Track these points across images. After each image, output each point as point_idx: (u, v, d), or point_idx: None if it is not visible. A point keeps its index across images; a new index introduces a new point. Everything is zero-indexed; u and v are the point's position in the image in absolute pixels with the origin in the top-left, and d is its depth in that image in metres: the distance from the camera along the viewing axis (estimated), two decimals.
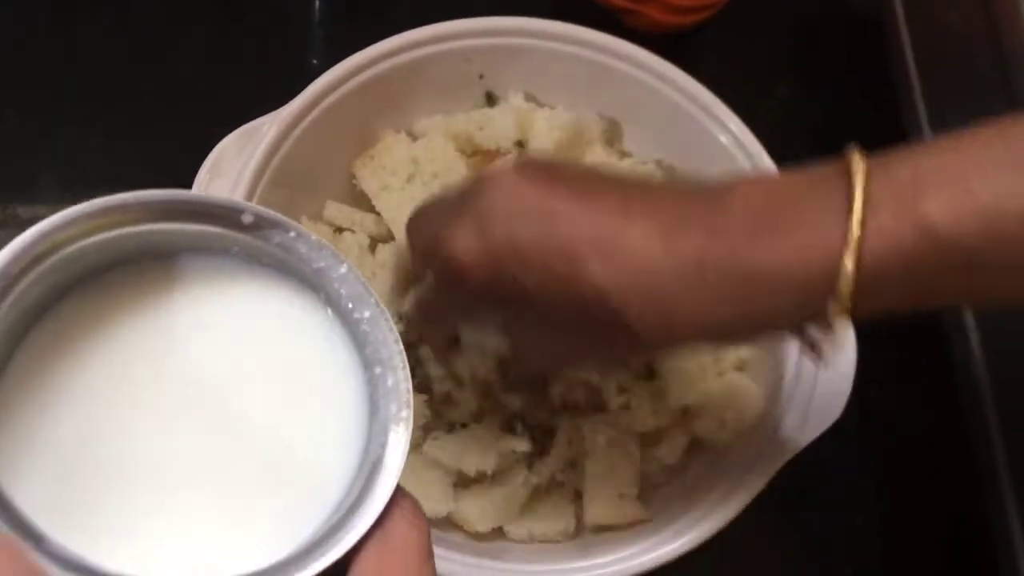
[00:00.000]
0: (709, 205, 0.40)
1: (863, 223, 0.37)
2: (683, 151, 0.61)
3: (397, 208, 0.57)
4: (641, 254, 0.39)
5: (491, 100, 0.62)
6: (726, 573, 0.53)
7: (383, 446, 0.29)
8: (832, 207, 0.37)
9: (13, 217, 0.65)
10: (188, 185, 0.55)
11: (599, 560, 0.50)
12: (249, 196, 0.54)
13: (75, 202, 0.73)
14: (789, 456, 0.52)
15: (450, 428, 0.55)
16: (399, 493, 0.28)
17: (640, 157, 0.62)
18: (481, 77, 0.61)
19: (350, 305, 0.31)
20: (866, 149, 0.74)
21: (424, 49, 0.59)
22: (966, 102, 0.67)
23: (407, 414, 0.30)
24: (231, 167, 0.54)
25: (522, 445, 0.54)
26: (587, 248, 0.39)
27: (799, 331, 0.42)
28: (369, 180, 0.58)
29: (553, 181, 0.42)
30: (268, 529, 0.30)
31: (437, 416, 0.55)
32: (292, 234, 0.32)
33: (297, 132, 0.56)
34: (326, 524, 0.28)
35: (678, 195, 0.41)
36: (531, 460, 0.55)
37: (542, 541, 0.55)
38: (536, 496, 0.56)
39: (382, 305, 0.31)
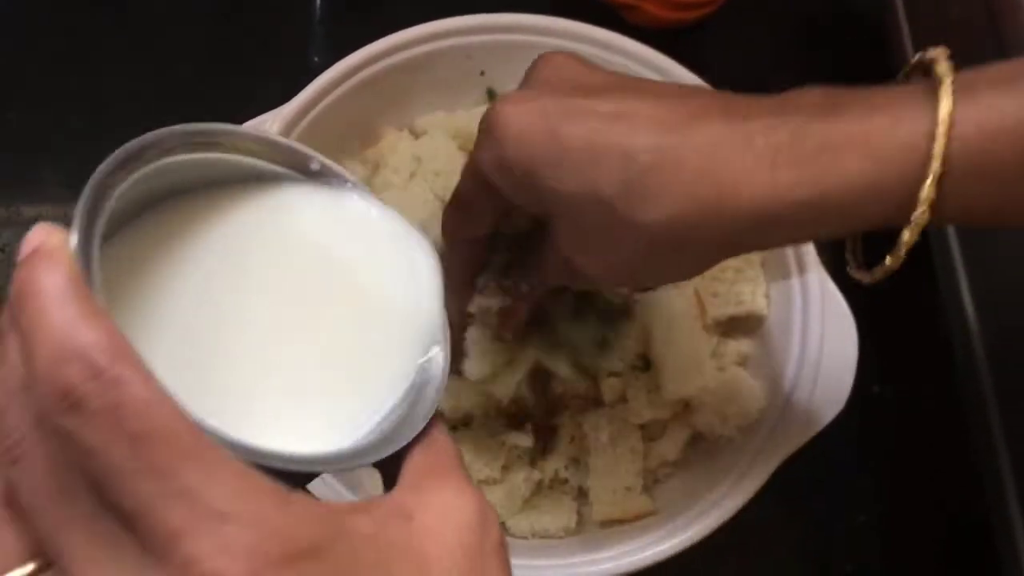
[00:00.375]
0: (774, 98, 0.38)
1: (955, 104, 0.34)
2: None
3: (399, 207, 0.57)
4: (703, 130, 0.37)
5: (492, 97, 0.62)
6: (727, 570, 0.54)
7: (428, 365, 0.33)
8: (918, 93, 0.36)
9: (17, 215, 0.65)
10: None
11: (602, 555, 0.51)
12: None
13: (78, 199, 0.73)
14: (791, 451, 0.52)
15: (452, 427, 0.55)
16: (436, 413, 0.32)
17: None
18: (482, 74, 0.61)
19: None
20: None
21: (425, 46, 0.59)
22: None
23: (444, 339, 0.33)
24: None
25: (524, 440, 0.54)
26: (642, 121, 0.37)
27: (859, 235, 0.40)
28: (370, 178, 0.59)
29: (607, 70, 0.41)
30: (338, 418, 0.32)
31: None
32: (349, 185, 0.35)
33: (299, 129, 0.56)
34: (386, 421, 0.32)
35: (739, 95, 0.39)
36: (533, 458, 0.55)
37: (543, 537, 0.55)
38: (539, 492, 0.56)
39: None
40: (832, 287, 0.55)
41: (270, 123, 0.55)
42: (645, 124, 0.37)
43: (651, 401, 0.55)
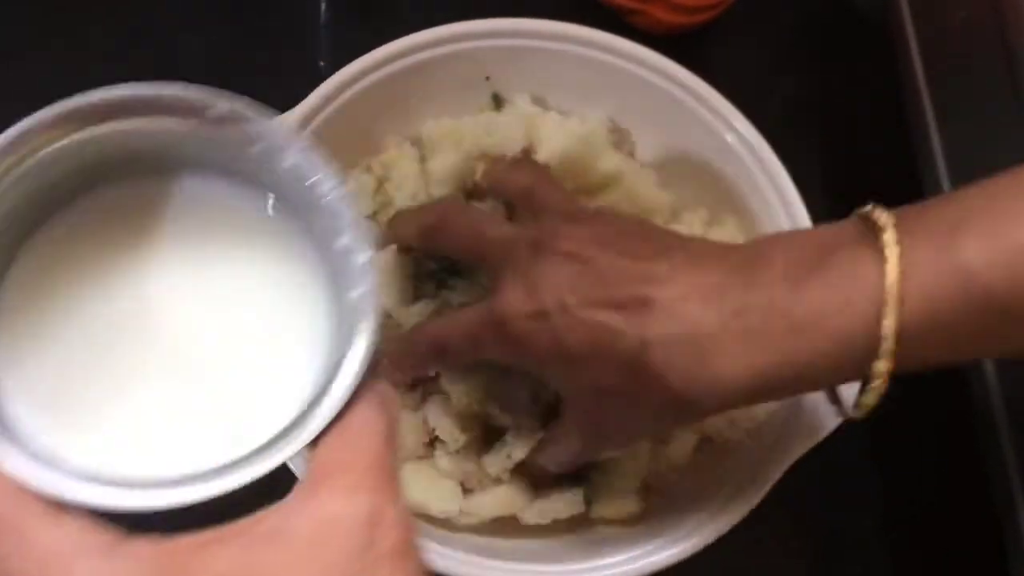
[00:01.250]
0: (748, 260, 0.42)
1: (901, 275, 0.38)
2: (690, 151, 0.61)
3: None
4: (682, 309, 0.41)
5: (498, 102, 0.62)
6: (732, 571, 0.54)
7: (345, 350, 0.30)
8: (867, 261, 0.39)
9: None
10: None
11: (608, 560, 0.51)
12: None
13: None
14: (799, 455, 0.52)
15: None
16: (367, 388, 0.29)
17: (646, 159, 0.62)
18: (487, 79, 0.61)
19: (332, 233, 0.32)
20: (872, 147, 0.74)
21: (431, 51, 0.59)
22: (972, 99, 0.67)
23: (369, 322, 0.30)
24: None
25: (518, 453, 0.54)
26: (630, 304, 0.42)
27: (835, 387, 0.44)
28: (375, 190, 0.59)
29: (594, 241, 0.44)
30: (236, 431, 0.31)
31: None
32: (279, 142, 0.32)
33: (306, 133, 0.56)
34: (286, 424, 0.29)
35: (718, 252, 0.44)
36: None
37: (555, 519, 0.55)
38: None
39: (360, 223, 0.31)
40: None
41: None
42: (637, 316, 0.41)
43: None
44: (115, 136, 0.33)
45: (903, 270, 0.38)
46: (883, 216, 0.40)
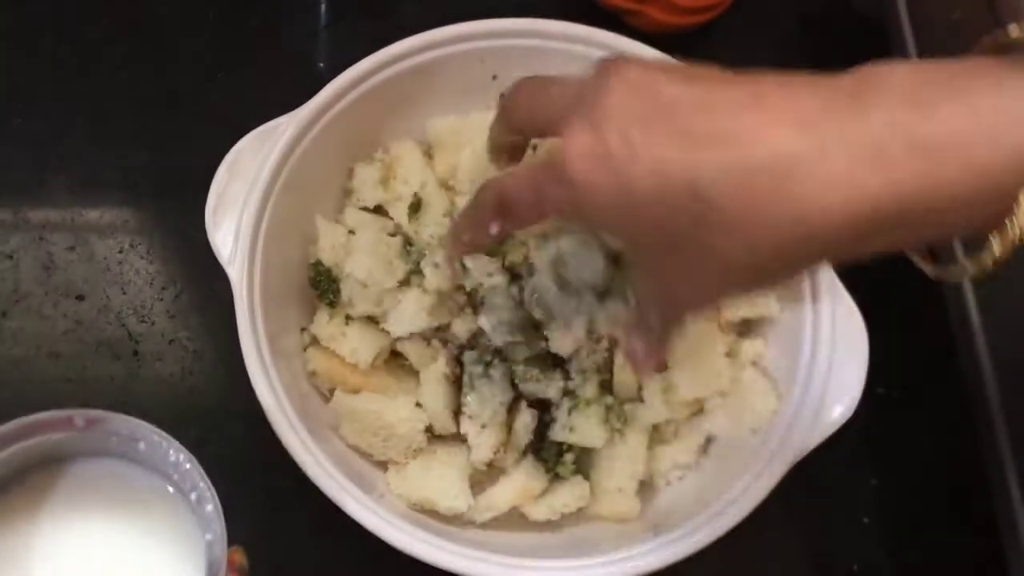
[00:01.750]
0: (859, 83, 0.35)
1: None
2: None
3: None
4: (768, 134, 0.35)
5: None
6: (733, 569, 0.54)
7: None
8: (1019, 77, 0.33)
9: (24, 221, 0.66)
10: (201, 185, 0.55)
11: (609, 558, 0.51)
12: (265, 196, 0.55)
13: (85, 205, 0.74)
14: (803, 454, 0.52)
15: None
16: None
17: None
18: (494, 78, 0.61)
19: (184, 484, 0.44)
20: None
21: (440, 50, 0.59)
22: None
23: (218, 562, 0.43)
24: (248, 167, 0.55)
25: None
26: (704, 133, 0.36)
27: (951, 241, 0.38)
28: (371, 187, 0.59)
29: (669, 73, 0.38)
30: None
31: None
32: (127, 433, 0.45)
33: (314, 132, 0.56)
34: None
35: (819, 78, 0.37)
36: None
37: (562, 513, 0.55)
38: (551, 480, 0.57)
39: (208, 484, 0.44)
40: (841, 289, 0.55)
41: (285, 126, 0.56)
42: (709, 146, 0.35)
43: (667, 401, 0.56)
44: (22, 450, 0.45)
45: None
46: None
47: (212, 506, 0.44)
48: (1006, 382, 0.65)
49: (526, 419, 0.55)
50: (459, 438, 0.56)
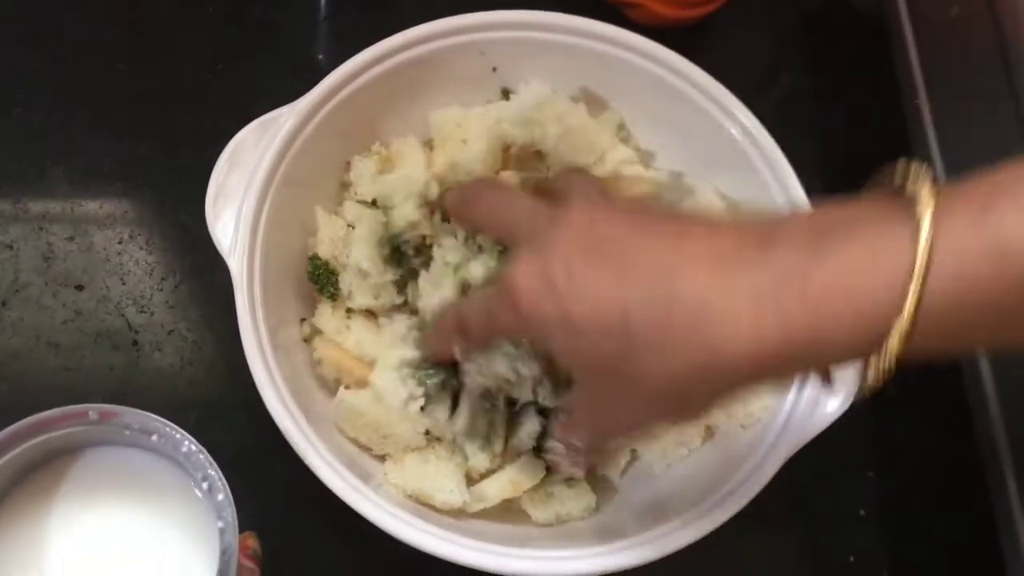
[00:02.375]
0: (768, 230, 0.39)
1: (929, 247, 0.35)
2: (694, 142, 0.61)
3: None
4: (688, 274, 0.39)
5: (506, 96, 0.63)
6: (731, 562, 0.54)
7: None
8: (896, 231, 0.36)
9: (24, 211, 0.66)
10: (200, 176, 0.55)
11: (604, 548, 0.51)
12: (265, 187, 0.55)
13: (85, 195, 0.74)
14: (796, 449, 0.52)
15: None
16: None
17: (649, 147, 0.63)
18: (494, 70, 0.61)
19: (195, 473, 0.46)
20: (869, 138, 0.75)
21: (439, 42, 0.59)
22: (968, 90, 0.67)
23: (230, 548, 0.45)
24: (249, 158, 0.55)
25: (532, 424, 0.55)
26: (635, 270, 0.40)
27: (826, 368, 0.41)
28: (369, 181, 0.59)
29: (611, 214, 0.43)
30: None
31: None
32: (138, 427, 0.46)
33: (314, 123, 0.56)
34: None
35: (738, 224, 0.41)
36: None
37: (566, 521, 0.56)
38: (554, 481, 0.57)
39: (219, 472, 0.46)
40: None
41: (285, 117, 0.56)
42: (636, 279, 0.40)
43: None
44: (37, 444, 0.47)
45: (933, 242, 0.35)
46: (919, 186, 0.36)
47: (223, 495, 0.46)
48: (1003, 377, 0.65)
49: (532, 427, 0.55)
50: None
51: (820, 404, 0.53)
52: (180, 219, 0.66)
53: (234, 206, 0.54)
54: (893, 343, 0.36)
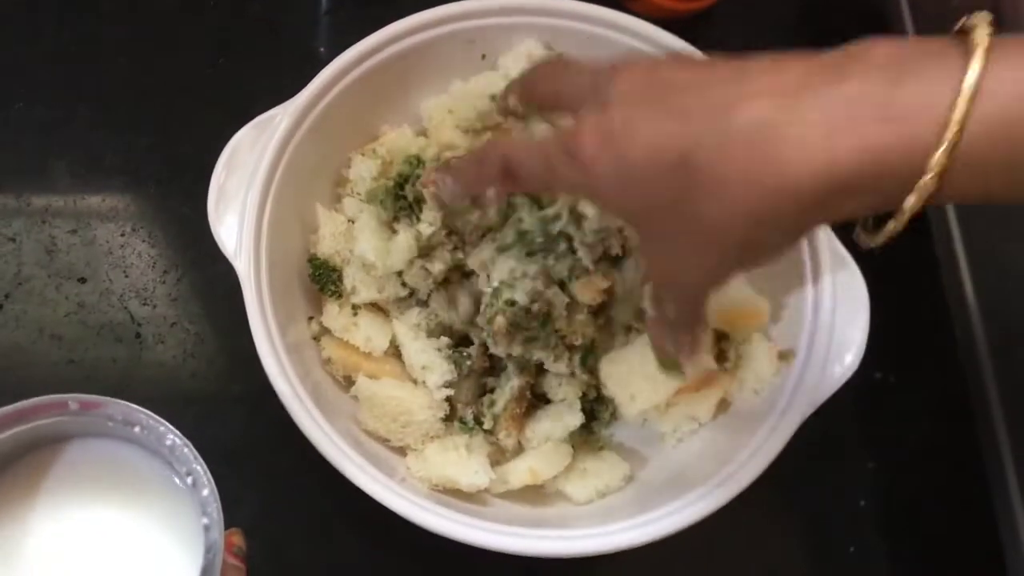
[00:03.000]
0: (838, 59, 0.38)
1: (981, 74, 0.35)
2: None
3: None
4: (752, 105, 0.37)
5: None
6: (729, 550, 0.54)
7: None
8: (951, 58, 0.36)
9: (27, 205, 0.66)
10: (202, 170, 0.55)
11: (608, 528, 0.51)
12: (266, 188, 0.55)
13: (87, 191, 0.74)
14: (811, 410, 0.53)
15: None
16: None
17: None
18: (483, 57, 0.61)
19: (180, 468, 0.46)
20: None
21: (426, 33, 0.59)
22: None
23: (214, 547, 0.45)
24: (246, 160, 0.55)
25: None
26: (697, 109, 0.39)
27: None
28: (370, 181, 0.59)
29: (671, 62, 0.42)
30: None
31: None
32: (121, 418, 0.46)
33: (309, 121, 0.57)
34: None
35: (805, 55, 0.39)
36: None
37: (605, 495, 0.56)
38: (584, 455, 0.57)
39: (204, 467, 0.45)
40: (839, 246, 0.55)
41: (280, 117, 0.56)
42: (696, 118, 0.38)
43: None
44: (19, 434, 0.47)
45: (980, 82, 0.35)
46: (979, 24, 0.36)
47: (208, 490, 0.45)
48: (1002, 367, 0.66)
49: (515, 383, 0.56)
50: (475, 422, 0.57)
51: (829, 368, 0.54)
52: (182, 212, 0.66)
53: (236, 208, 0.54)
54: (935, 159, 0.36)
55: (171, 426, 0.47)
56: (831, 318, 0.55)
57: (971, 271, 0.70)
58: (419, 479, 0.55)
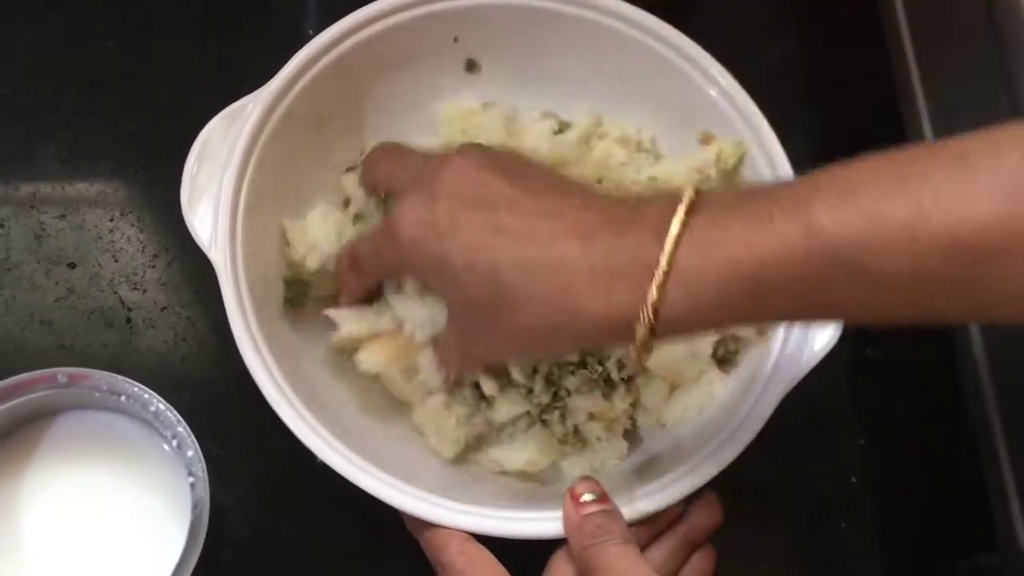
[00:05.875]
0: (635, 207, 0.43)
1: (674, 246, 0.40)
2: (671, 105, 0.61)
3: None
4: (559, 242, 0.43)
5: (472, 67, 0.63)
6: (720, 531, 0.54)
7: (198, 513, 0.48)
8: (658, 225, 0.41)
9: (14, 192, 0.66)
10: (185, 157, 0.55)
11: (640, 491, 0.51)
12: (239, 180, 0.54)
13: (74, 176, 0.73)
14: (780, 397, 0.52)
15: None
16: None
17: (632, 117, 0.63)
18: (456, 40, 0.61)
19: (165, 432, 0.50)
20: (861, 109, 0.74)
21: (399, 16, 0.59)
22: (958, 62, 0.67)
23: (200, 508, 0.48)
24: (218, 152, 0.55)
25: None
26: (512, 230, 0.44)
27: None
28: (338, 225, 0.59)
29: (498, 171, 0.46)
30: None
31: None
32: (106, 388, 0.50)
33: (281, 109, 0.56)
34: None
35: (611, 199, 0.45)
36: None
37: (599, 471, 0.56)
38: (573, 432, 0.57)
39: (188, 430, 0.50)
40: None
41: (251, 106, 0.55)
42: (511, 240, 0.44)
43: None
44: (11, 408, 0.49)
45: (677, 245, 0.40)
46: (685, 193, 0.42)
47: (192, 451, 0.49)
48: (993, 343, 0.66)
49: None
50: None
51: (808, 344, 0.54)
52: (171, 196, 0.65)
53: (209, 200, 0.54)
54: (640, 331, 0.41)
55: (155, 393, 0.49)
56: None
57: None
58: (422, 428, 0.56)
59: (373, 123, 0.62)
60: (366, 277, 0.54)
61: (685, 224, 0.40)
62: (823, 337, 0.54)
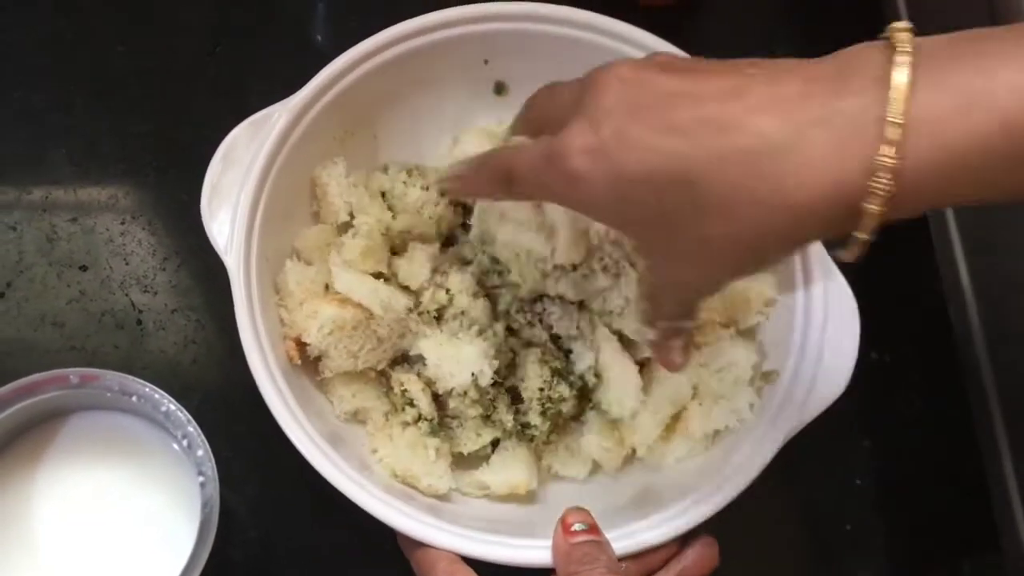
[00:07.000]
0: (839, 67, 0.37)
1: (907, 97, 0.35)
2: None
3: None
4: (751, 122, 0.37)
5: (501, 89, 0.63)
6: (724, 529, 0.54)
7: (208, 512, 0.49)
8: (878, 76, 0.36)
9: (27, 194, 0.66)
10: (201, 157, 0.55)
11: (613, 533, 0.51)
12: (260, 185, 0.55)
13: (86, 180, 0.74)
14: (794, 432, 0.53)
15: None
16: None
17: None
18: (486, 62, 0.61)
19: (176, 432, 0.50)
20: None
21: (431, 35, 0.59)
22: None
23: (211, 503, 0.49)
24: (242, 156, 0.55)
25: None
26: (693, 124, 0.38)
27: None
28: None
29: (658, 67, 0.40)
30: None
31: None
32: (117, 389, 0.50)
33: (307, 120, 0.56)
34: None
35: (803, 63, 0.39)
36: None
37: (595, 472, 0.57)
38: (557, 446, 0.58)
39: (198, 429, 0.50)
40: (833, 266, 0.55)
41: (277, 115, 0.56)
42: (695, 134, 0.38)
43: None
44: (23, 408, 0.50)
45: (912, 89, 0.35)
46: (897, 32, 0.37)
47: (203, 450, 0.49)
48: (996, 346, 0.66)
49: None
50: (444, 425, 0.57)
51: (816, 390, 0.53)
52: (181, 200, 0.66)
53: (229, 206, 0.54)
54: (875, 204, 0.36)
55: (165, 393, 0.50)
56: (820, 343, 0.54)
57: (966, 252, 0.70)
58: (383, 465, 0.55)
59: (398, 141, 0.62)
60: (516, 195, 0.47)
61: (915, 67, 0.35)
62: (831, 384, 0.53)
